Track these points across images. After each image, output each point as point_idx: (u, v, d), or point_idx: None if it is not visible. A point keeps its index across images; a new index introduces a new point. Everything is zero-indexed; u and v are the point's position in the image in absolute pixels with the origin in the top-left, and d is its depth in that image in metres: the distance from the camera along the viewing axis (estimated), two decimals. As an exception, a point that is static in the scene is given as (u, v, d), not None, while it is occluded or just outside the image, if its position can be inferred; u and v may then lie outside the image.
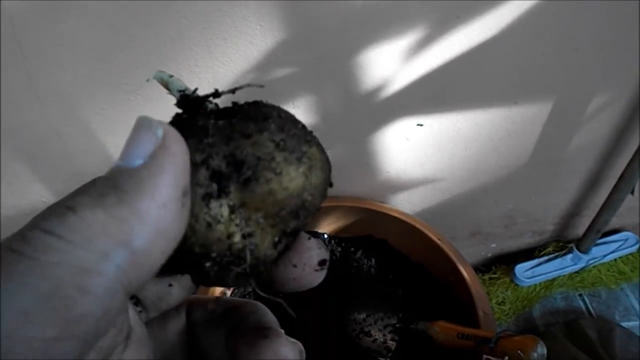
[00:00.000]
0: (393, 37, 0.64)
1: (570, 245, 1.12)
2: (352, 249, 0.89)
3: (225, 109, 0.20)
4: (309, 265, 0.20)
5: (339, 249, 0.89)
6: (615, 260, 1.17)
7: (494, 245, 1.18)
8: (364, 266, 0.87)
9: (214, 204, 0.17)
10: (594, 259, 1.12)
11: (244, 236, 0.18)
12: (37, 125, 0.63)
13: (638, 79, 0.80)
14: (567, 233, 1.19)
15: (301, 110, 0.71)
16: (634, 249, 1.15)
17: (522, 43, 0.69)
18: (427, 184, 0.92)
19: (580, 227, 1.14)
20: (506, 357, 0.62)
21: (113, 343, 0.17)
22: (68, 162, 0.69)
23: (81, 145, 0.68)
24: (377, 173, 0.86)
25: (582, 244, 1.08)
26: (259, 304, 0.22)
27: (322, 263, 0.20)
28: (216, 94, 0.21)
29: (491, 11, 0.64)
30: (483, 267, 1.21)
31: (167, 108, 0.64)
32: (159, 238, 0.15)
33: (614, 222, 1.07)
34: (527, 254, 1.18)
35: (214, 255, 0.18)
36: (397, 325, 0.80)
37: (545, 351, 0.61)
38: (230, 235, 0.18)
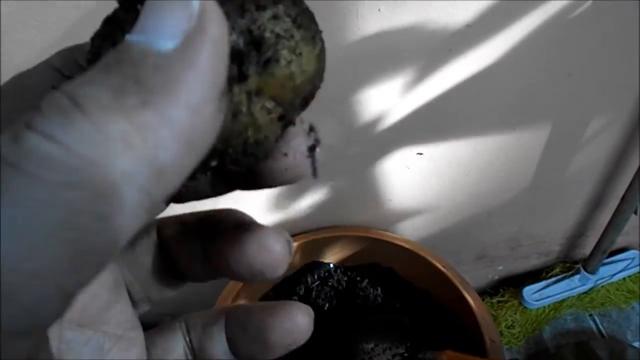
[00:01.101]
0: (388, 74, 0.66)
1: (577, 265, 1.12)
2: (358, 278, 0.89)
3: None
4: (299, 152, 0.18)
5: (345, 279, 0.89)
6: (624, 279, 1.16)
7: (500, 267, 1.18)
8: (370, 295, 0.87)
9: (236, 90, 0.14)
10: (602, 278, 1.12)
11: (257, 125, 0.15)
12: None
13: (635, 101, 0.81)
14: (574, 253, 1.18)
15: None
16: (642, 267, 1.15)
17: (515, 71, 0.71)
18: (430, 211, 0.93)
19: (587, 247, 1.13)
20: (514, 386, 0.61)
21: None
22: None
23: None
24: (380, 202, 0.87)
25: (589, 264, 1.08)
26: (236, 209, 0.21)
27: (311, 149, 0.18)
28: None
29: (483, 43, 0.65)
30: (491, 290, 1.21)
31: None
32: (190, 151, 0.12)
33: (620, 241, 1.07)
34: (534, 275, 1.18)
35: (230, 151, 0.15)
36: (405, 355, 0.79)
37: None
38: (246, 127, 0.15)
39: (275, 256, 0.18)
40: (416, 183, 0.85)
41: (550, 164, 0.89)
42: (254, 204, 0.80)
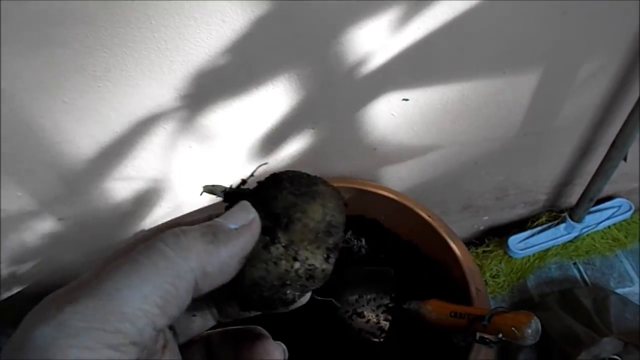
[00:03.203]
0: (373, 11, 0.61)
1: (563, 214, 1.11)
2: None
3: (252, 188, 0.28)
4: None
5: (328, 230, 0.87)
6: (609, 227, 1.16)
7: (486, 217, 1.16)
8: (354, 247, 0.85)
9: (272, 248, 0.25)
10: (587, 227, 1.11)
11: (299, 261, 0.25)
12: (4, 118, 0.60)
13: (631, 42, 0.78)
14: (560, 202, 1.17)
15: (281, 90, 0.68)
16: (628, 215, 1.14)
17: (507, 10, 0.67)
18: (416, 159, 0.90)
19: (573, 196, 1.12)
20: (500, 334, 0.60)
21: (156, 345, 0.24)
22: (43, 154, 0.66)
23: (53, 137, 0.65)
24: (364, 151, 0.84)
25: (575, 212, 1.07)
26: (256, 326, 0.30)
27: None
28: (243, 182, 0.29)
29: (474, -23, 0.61)
30: (476, 240, 1.21)
31: (136, 96, 0.61)
32: (221, 272, 0.23)
33: (607, 189, 1.06)
34: (520, 225, 1.17)
35: (288, 282, 0.25)
36: (390, 305, 0.78)
37: (539, 326, 0.60)
38: (292, 265, 0.25)
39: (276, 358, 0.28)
40: (401, 130, 0.81)
41: (540, 109, 0.86)
42: (235, 154, 0.76)
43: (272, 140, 0.76)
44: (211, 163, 0.77)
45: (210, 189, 0.29)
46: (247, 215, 0.25)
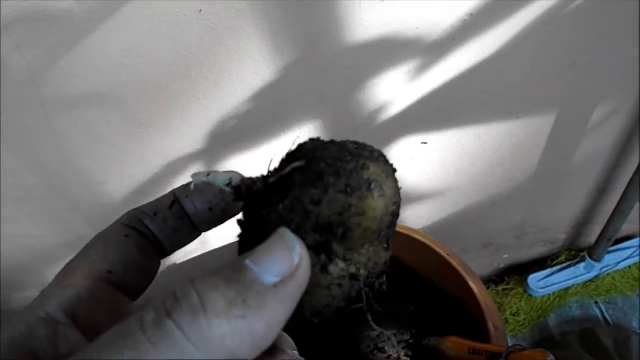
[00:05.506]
0: (393, 63, 0.66)
1: (583, 254, 1.12)
2: (363, 266, 0.90)
3: (274, 183, 0.21)
4: None
5: (350, 267, 0.90)
6: (629, 267, 1.16)
7: (506, 256, 1.18)
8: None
9: (331, 268, 0.20)
10: (607, 266, 1.12)
11: (362, 267, 0.21)
12: (54, 160, 0.66)
13: (637, 89, 0.81)
14: (579, 241, 1.19)
15: (307, 135, 0.73)
16: (648, 255, 1.15)
17: (519, 60, 0.71)
18: (435, 199, 0.93)
19: (592, 235, 1.14)
20: (517, 372, 0.62)
21: None
22: (86, 193, 0.72)
23: (97, 177, 0.70)
24: (385, 191, 0.87)
25: (594, 252, 1.08)
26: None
27: None
28: (267, 177, 0.22)
29: (487, 32, 0.65)
30: (496, 279, 1.22)
31: (175, 140, 0.66)
32: (257, 351, 0.17)
33: (625, 229, 1.07)
34: (539, 263, 1.18)
35: (354, 294, 0.21)
36: (411, 341, 0.80)
37: (556, 364, 0.61)
38: (357, 276, 0.20)
39: None
40: (421, 172, 0.85)
41: (555, 152, 0.89)
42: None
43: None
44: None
45: (204, 182, 0.22)
46: (290, 259, 0.17)
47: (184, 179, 0.74)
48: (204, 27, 0.57)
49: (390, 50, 0.65)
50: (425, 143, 0.80)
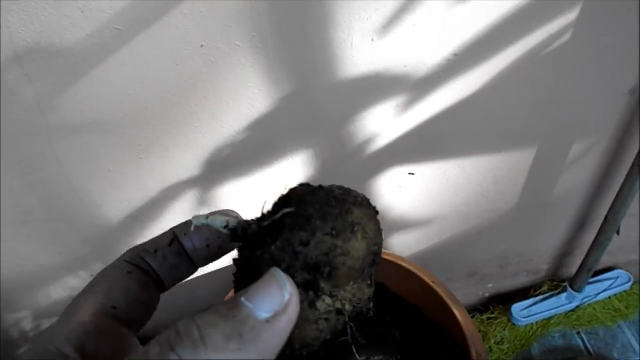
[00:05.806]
0: (382, 97, 0.70)
1: (564, 284, 1.15)
2: (351, 293, 0.92)
3: (268, 226, 0.23)
4: None
5: (338, 293, 0.92)
6: (610, 297, 1.19)
7: (490, 285, 1.21)
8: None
9: (319, 304, 0.22)
10: (588, 297, 1.15)
11: (348, 302, 0.23)
12: (56, 183, 0.68)
13: (615, 127, 0.86)
14: (561, 272, 1.22)
15: (299, 164, 0.76)
16: (627, 286, 1.18)
17: (501, 97, 0.75)
18: (422, 228, 0.96)
19: (573, 267, 1.17)
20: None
21: None
22: (84, 215, 0.74)
23: (96, 200, 0.73)
24: (373, 219, 0.90)
25: (575, 282, 1.11)
26: None
27: None
28: (261, 220, 0.23)
29: (470, 71, 0.70)
30: (482, 307, 1.24)
31: (172, 166, 0.69)
32: None
33: (606, 261, 1.11)
34: (523, 293, 1.21)
35: (341, 328, 0.23)
36: (396, 367, 0.82)
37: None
38: (342, 311, 0.23)
39: None
40: (408, 201, 0.89)
41: (536, 185, 0.93)
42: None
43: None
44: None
45: (204, 224, 0.24)
46: (281, 296, 0.20)
47: (180, 204, 0.77)
48: (205, 61, 0.60)
49: (379, 86, 0.69)
50: (412, 174, 0.83)
